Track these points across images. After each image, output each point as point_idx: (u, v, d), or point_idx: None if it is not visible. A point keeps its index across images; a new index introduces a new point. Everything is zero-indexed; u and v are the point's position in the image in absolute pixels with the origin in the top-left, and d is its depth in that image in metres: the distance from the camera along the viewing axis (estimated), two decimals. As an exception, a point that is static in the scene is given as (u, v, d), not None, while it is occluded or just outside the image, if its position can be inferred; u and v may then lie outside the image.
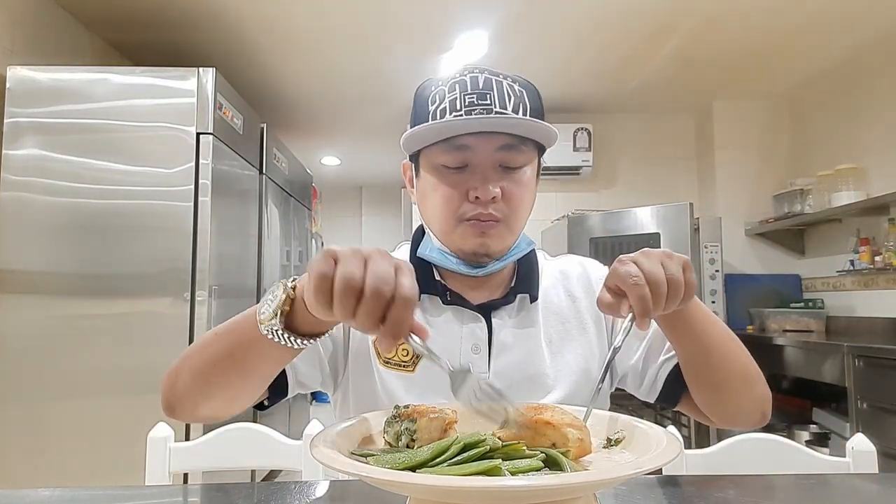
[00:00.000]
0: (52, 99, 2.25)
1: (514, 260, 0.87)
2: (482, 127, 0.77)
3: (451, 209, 0.81)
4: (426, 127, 0.78)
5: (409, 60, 3.31)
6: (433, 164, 0.82)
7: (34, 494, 0.64)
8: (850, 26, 2.86)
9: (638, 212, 3.38)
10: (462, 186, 0.80)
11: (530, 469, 0.45)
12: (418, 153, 0.85)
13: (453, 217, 0.81)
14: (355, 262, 0.50)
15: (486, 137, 0.78)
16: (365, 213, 6.67)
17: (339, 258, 0.51)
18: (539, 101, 0.85)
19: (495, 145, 0.79)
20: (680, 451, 0.47)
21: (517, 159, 0.81)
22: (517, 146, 0.79)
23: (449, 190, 0.81)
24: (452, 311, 0.86)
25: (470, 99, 0.79)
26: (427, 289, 0.86)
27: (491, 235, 0.81)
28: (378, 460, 0.49)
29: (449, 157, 0.80)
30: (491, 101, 0.79)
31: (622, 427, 0.59)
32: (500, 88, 0.80)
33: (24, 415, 2.16)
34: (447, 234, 0.83)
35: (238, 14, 2.79)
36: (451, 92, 0.80)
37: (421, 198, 0.87)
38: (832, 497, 0.66)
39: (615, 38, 3.03)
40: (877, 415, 2.24)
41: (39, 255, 2.21)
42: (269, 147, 3.11)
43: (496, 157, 0.80)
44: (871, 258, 2.95)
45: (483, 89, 0.79)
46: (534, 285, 0.89)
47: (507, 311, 0.87)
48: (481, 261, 0.83)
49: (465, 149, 0.79)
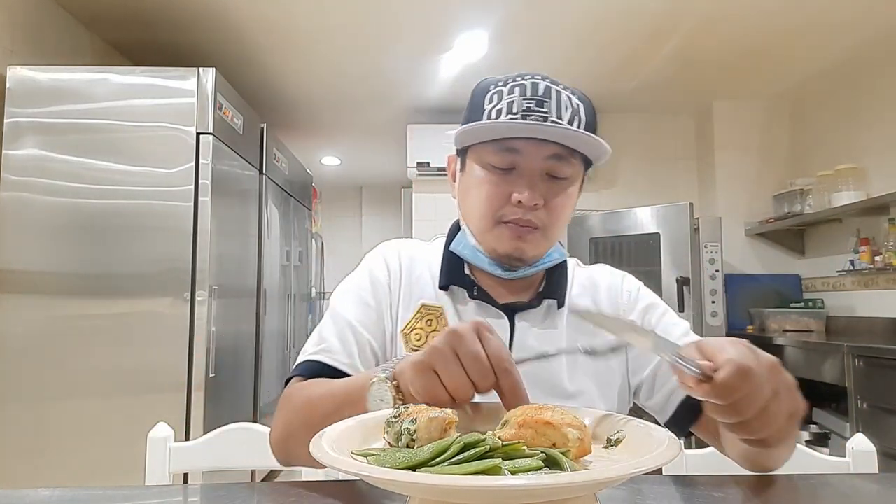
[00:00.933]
0: (52, 99, 2.25)
1: (544, 268, 0.88)
2: (536, 133, 0.78)
3: (492, 209, 0.81)
4: (481, 125, 0.79)
5: (409, 60, 3.31)
6: (481, 161, 0.82)
7: (34, 494, 0.64)
8: (850, 26, 2.86)
9: (638, 212, 3.38)
10: (506, 188, 0.80)
11: (530, 468, 0.45)
12: (466, 148, 0.86)
13: (493, 217, 0.82)
14: (452, 365, 0.56)
15: (538, 144, 0.79)
16: (365, 213, 6.67)
17: (437, 368, 0.57)
18: (594, 116, 0.85)
19: (545, 153, 0.79)
20: (680, 451, 0.47)
21: (564, 170, 0.81)
22: (566, 157, 0.80)
23: (493, 189, 0.81)
24: (477, 305, 0.87)
25: (528, 104, 0.79)
26: (456, 281, 0.88)
27: (528, 241, 0.81)
28: (378, 460, 0.49)
29: (498, 157, 0.80)
30: (548, 109, 0.79)
31: (622, 427, 0.59)
32: (559, 98, 0.80)
33: (24, 415, 2.16)
34: (484, 232, 0.83)
35: (238, 14, 2.79)
36: (510, 94, 0.80)
37: (463, 193, 0.88)
38: (832, 497, 0.66)
39: (615, 38, 3.03)
40: (877, 415, 2.24)
41: (39, 255, 2.21)
42: (269, 147, 3.11)
43: (544, 165, 0.80)
44: (871, 258, 2.95)
45: (542, 96, 0.79)
46: (562, 292, 0.89)
47: (533, 315, 0.87)
48: (514, 264, 0.84)
49: (515, 152, 0.79)
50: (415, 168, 3.87)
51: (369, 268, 0.91)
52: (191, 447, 0.97)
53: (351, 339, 0.83)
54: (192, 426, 2.19)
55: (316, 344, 0.84)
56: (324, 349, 0.83)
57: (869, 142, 3.10)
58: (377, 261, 0.92)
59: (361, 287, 0.89)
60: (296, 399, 0.78)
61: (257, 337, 2.95)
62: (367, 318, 0.86)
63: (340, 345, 0.83)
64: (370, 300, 0.87)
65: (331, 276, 6.41)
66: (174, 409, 2.18)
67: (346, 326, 0.84)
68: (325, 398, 0.72)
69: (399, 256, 0.92)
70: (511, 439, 0.50)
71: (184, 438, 2.09)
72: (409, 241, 0.96)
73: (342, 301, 0.88)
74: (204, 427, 2.18)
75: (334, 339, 0.83)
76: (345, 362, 0.82)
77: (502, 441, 0.49)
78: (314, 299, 4.46)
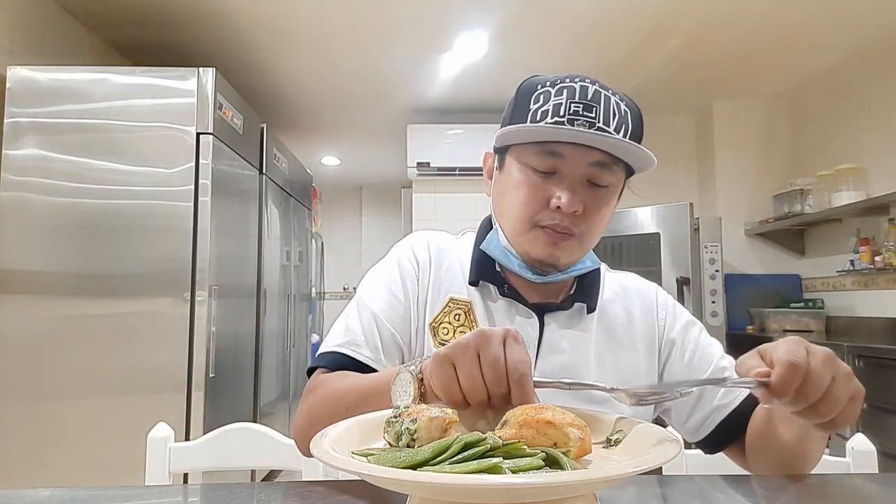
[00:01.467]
0: (52, 99, 2.25)
1: (575, 275, 0.87)
2: (582, 140, 0.76)
3: (529, 212, 0.80)
4: (525, 128, 0.78)
5: (409, 60, 3.31)
6: (521, 162, 0.81)
7: (34, 494, 0.64)
8: (850, 26, 2.86)
9: (638, 212, 3.38)
10: (546, 192, 0.79)
11: (531, 468, 0.45)
12: (506, 147, 0.84)
13: (529, 220, 0.80)
14: (471, 364, 0.56)
15: (582, 150, 0.77)
16: (365, 213, 6.66)
17: (457, 364, 0.57)
18: (640, 124, 0.84)
19: (588, 160, 0.78)
20: (679, 451, 0.47)
21: (606, 178, 0.80)
22: (609, 165, 0.78)
23: (532, 192, 0.79)
24: (506, 303, 0.85)
25: (575, 108, 0.77)
26: (487, 277, 0.87)
27: (563, 248, 0.80)
28: (379, 459, 0.49)
29: (540, 160, 0.79)
30: (596, 114, 0.77)
31: (621, 427, 0.59)
32: (608, 104, 0.78)
33: (24, 415, 2.16)
34: (518, 235, 0.82)
35: (238, 14, 2.79)
36: (558, 96, 0.78)
37: (499, 192, 0.86)
38: (832, 497, 0.66)
39: (615, 38, 3.03)
40: (877, 415, 2.24)
41: (39, 255, 2.21)
42: (269, 147, 3.11)
43: (586, 172, 0.79)
44: (871, 258, 2.95)
45: (591, 101, 0.77)
46: (594, 297, 0.88)
47: (563, 316, 0.85)
48: (545, 270, 0.83)
49: (558, 156, 0.78)
50: (415, 168, 3.87)
51: (398, 258, 0.89)
52: (191, 447, 0.97)
53: (376, 333, 0.82)
54: (192, 426, 2.19)
55: (341, 336, 0.83)
56: (349, 342, 0.82)
57: (869, 142, 3.10)
58: (406, 251, 0.90)
59: (390, 277, 0.87)
60: (320, 390, 0.77)
61: (257, 337, 2.95)
62: (395, 310, 0.84)
63: (365, 338, 0.82)
64: (398, 292, 0.86)
65: (331, 276, 6.42)
66: (174, 409, 2.18)
67: (371, 319, 0.83)
68: (350, 391, 0.72)
69: (429, 248, 0.90)
70: (512, 439, 0.50)
71: (184, 438, 2.09)
72: (438, 234, 0.94)
73: (370, 291, 0.87)
74: (204, 427, 2.18)
75: (359, 332, 0.82)
76: (369, 356, 0.81)
77: (503, 440, 0.49)
78: (314, 299, 4.46)
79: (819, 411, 0.58)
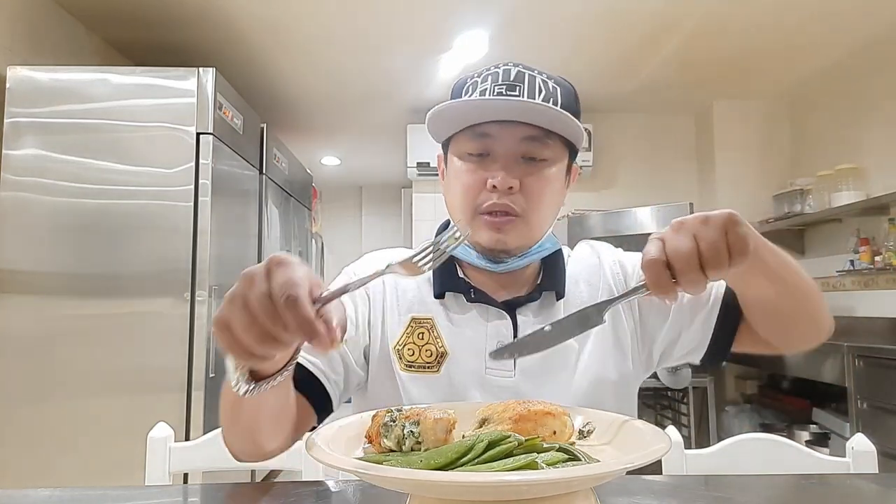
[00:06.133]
0: (52, 99, 2.25)
1: (535, 259, 0.86)
2: (499, 111, 0.77)
3: (469, 198, 0.80)
4: (445, 107, 0.78)
5: (409, 60, 3.31)
6: (458, 152, 0.82)
7: (34, 494, 0.64)
8: (850, 26, 2.86)
9: (638, 212, 3.38)
10: (482, 174, 0.79)
11: (557, 461, 0.45)
12: (448, 143, 0.85)
13: (471, 207, 0.80)
14: (241, 313, 0.46)
15: (510, 127, 0.78)
16: (365, 213, 6.66)
17: (231, 321, 0.47)
18: (574, 99, 0.84)
19: (518, 135, 0.78)
20: (670, 444, 0.48)
21: (541, 152, 0.79)
22: (541, 139, 0.78)
23: (469, 177, 0.80)
24: (477, 309, 0.85)
25: (499, 89, 0.78)
26: (451, 287, 0.85)
27: (507, 231, 0.79)
28: (395, 462, 0.48)
29: (471, 144, 0.80)
30: (520, 92, 0.78)
31: (591, 419, 0.61)
32: (532, 82, 0.79)
33: (24, 415, 2.16)
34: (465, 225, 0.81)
35: (238, 14, 2.79)
36: (483, 82, 0.80)
37: (446, 187, 0.87)
38: (832, 497, 0.66)
39: (615, 38, 3.03)
40: (877, 415, 2.24)
41: (39, 255, 2.21)
42: (269, 147, 3.11)
43: (519, 148, 0.79)
44: (871, 258, 2.94)
45: (514, 80, 0.79)
46: (559, 282, 0.87)
47: (532, 309, 0.85)
48: (499, 257, 0.82)
49: (487, 137, 0.79)
50: (415, 168, 3.88)
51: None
52: (191, 447, 0.97)
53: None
54: (192, 426, 2.19)
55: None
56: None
57: (869, 142, 3.10)
58: (361, 273, 0.87)
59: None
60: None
61: (257, 337, 2.94)
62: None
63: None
64: (349, 312, 0.82)
65: (331, 276, 6.42)
66: (174, 409, 2.18)
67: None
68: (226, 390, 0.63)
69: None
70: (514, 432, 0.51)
71: (184, 438, 2.09)
72: (387, 253, 0.93)
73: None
74: (204, 427, 2.18)
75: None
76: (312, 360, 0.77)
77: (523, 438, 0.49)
78: (314, 299, 4.46)
79: (715, 271, 0.55)
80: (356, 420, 0.61)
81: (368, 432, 0.57)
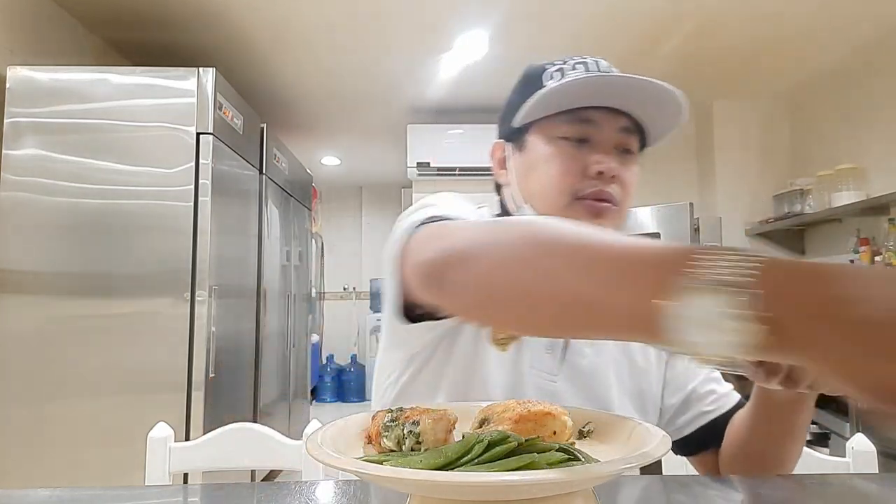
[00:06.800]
0: (52, 99, 2.25)
1: None
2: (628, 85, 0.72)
3: (566, 184, 0.75)
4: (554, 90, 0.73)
5: (410, 60, 3.30)
6: (549, 136, 0.77)
7: (34, 494, 0.64)
8: (850, 26, 2.86)
9: (638, 212, 3.38)
10: (582, 161, 0.75)
11: (557, 461, 0.45)
12: (525, 128, 0.79)
13: (568, 192, 0.75)
14: None
15: (612, 115, 0.75)
16: (365, 213, 6.66)
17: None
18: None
19: (618, 125, 0.76)
20: (670, 445, 0.48)
21: (633, 144, 0.78)
22: (634, 131, 0.77)
23: (567, 163, 0.75)
24: None
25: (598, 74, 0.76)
26: None
27: (607, 218, 0.75)
28: (395, 462, 0.49)
29: (572, 128, 0.76)
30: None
31: (591, 419, 0.60)
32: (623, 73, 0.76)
33: (24, 415, 2.16)
34: (557, 210, 0.75)
35: (238, 14, 2.79)
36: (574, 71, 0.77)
37: (525, 173, 0.80)
38: (832, 497, 0.66)
39: (615, 38, 3.03)
40: (877, 415, 2.23)
41: (39, 255, 2.20)
42: (269, 147, 3.11)
43: (617, 138, 0.77)
44: (871, 258, 2.94)
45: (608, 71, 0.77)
46: None
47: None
48: None
49: (590, 123, 0.75)
50: (415, 168, 3.87)
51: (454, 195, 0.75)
52: (191, 447, 0.97)
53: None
54: (192, 426, 2.19)
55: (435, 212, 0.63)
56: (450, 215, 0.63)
57: (869, 142, 3.10)
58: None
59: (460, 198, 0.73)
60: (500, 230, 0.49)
61: (257, 337, 2.95)
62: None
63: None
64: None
65: (331, 276, 6.42)
66: (174, 409, 2.18)
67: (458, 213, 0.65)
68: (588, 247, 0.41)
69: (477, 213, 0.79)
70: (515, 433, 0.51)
71: (184, 438, 2.09)
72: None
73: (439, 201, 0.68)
74: (204, 427, 2.18)
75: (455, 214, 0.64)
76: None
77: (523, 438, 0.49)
78: (314, 299, 4.46)
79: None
80: (356, 420, 0.61)
81: (368, 432, 0.57)
